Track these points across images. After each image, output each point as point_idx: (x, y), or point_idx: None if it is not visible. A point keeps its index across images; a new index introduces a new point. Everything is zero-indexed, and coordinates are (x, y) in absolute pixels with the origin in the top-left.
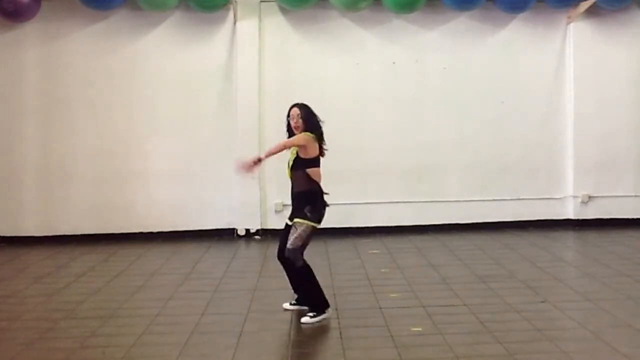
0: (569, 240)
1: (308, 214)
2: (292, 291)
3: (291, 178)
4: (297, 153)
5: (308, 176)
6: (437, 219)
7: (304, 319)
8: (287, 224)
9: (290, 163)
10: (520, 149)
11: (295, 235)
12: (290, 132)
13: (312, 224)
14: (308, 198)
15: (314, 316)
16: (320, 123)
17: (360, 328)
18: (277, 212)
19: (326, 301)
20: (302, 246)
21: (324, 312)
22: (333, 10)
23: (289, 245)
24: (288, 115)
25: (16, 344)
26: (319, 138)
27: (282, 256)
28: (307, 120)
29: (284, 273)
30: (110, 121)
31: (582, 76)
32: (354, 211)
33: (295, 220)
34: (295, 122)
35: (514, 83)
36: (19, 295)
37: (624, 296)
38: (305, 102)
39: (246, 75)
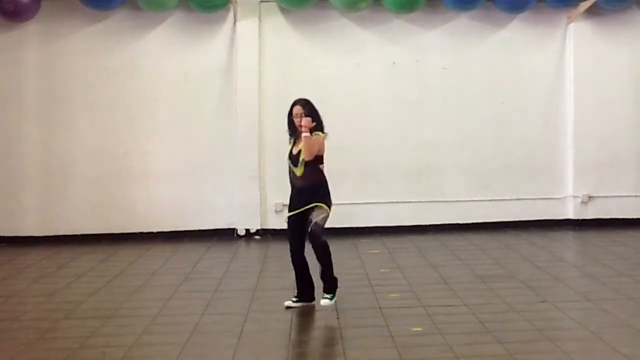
0: (569, 240)
1: (326, 200)
2: (296, 290)
3: (302, 174)
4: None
5: (321, 171)
6: (437, 219)
7: (325, 302)
8: (293, 218)
9: (303, 160)
10: (520, 149)
11: (320, 215)
12: (292, 129)
13: (330, 211)
14: (324, 187)
15: (332, 297)
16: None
17: (360, 328)
18: (277, 212)
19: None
20: (324, 227)
21: (336, 292)
22: (333, 10)
23: (316, 220)
24: (290, 113)
25: (16, 344)
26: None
27: (296, 253)
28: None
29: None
30: (110, 121)
31: (582, 76)
32: (354, 211)
33: (317, 203)
34: (300, 121)
35: (514, 83)
36: (19, 295)
37: (624, 296)
38: (306, 98)
39: (246, 75)
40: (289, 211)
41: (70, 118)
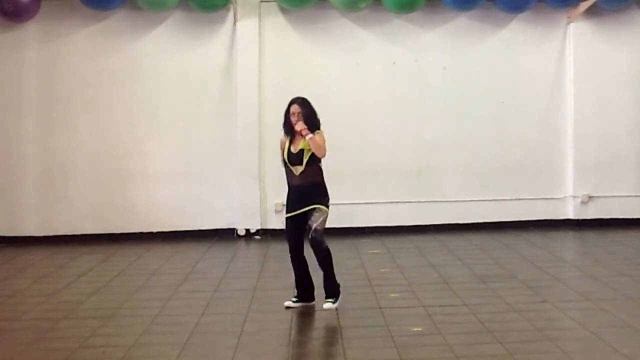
0: (569, 240)
1: (326, 201)
2: (296, 290)
3: (301, 172)
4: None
5: (320, 169)
6: (437, 219)
7: (328, 305)
8: (291, 219)
9: (306, 158)
10: (520, 148)
11: (320, 218)
12: (288, 127)
13: (328, 210)
14: (323, 187)
15: (335, 301)
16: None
17: (360, 328)
18: (277, 212)
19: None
20: (324, 230)
21: (339, 296)
22: (333, 10)
23: (315, 226)
24: (288, 111)
25: (16, 344)
26: None
27: (296, 253)
28: (308, 118)
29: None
30: (110, 121)
31: (582, 76)
32: (354, 211)
33: (316, 206)
34: (297, 119)
35: (514, 83)
36: (19, 295)
37: (624, 296)
38: (304, 97)
39: (246, 75)
40: (287, 212)
41: (70, 118)
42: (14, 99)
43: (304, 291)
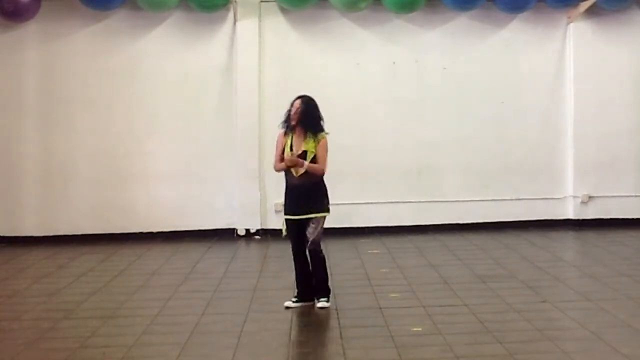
0: (569, 240)
1: (327, 204)
2: (296, 290)
3: (302, 174)
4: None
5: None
6: (437, 219)
7: (322, 304)
8: (292, 220)
9: (309, 160)
10: (520, 148)
11: (318, 229)
12: (289, 121)
13: (328, 213)
14: (323, 186)
15: (328, 300)
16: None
17: (360, 328)
18: (277, 212)
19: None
20: (321, 238)
21: (330, 295)
22: (333, 10)
23: (313, 238)
24: (292, 104)
25: (16, 344)
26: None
27: (298, 251)
28: (304, 117)
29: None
30: (110, 121)
31: (582, 76)
32: (354, 211)
33: (315, 215)
34: (294, 114)
35: (514, 83)
36: (19, 295)
37: (624, 296)
38: (311, 97)
39: (246, 75)
40: (285, 213)
41: (70, 118)
42: (14, 99)
43: (304, 291)
